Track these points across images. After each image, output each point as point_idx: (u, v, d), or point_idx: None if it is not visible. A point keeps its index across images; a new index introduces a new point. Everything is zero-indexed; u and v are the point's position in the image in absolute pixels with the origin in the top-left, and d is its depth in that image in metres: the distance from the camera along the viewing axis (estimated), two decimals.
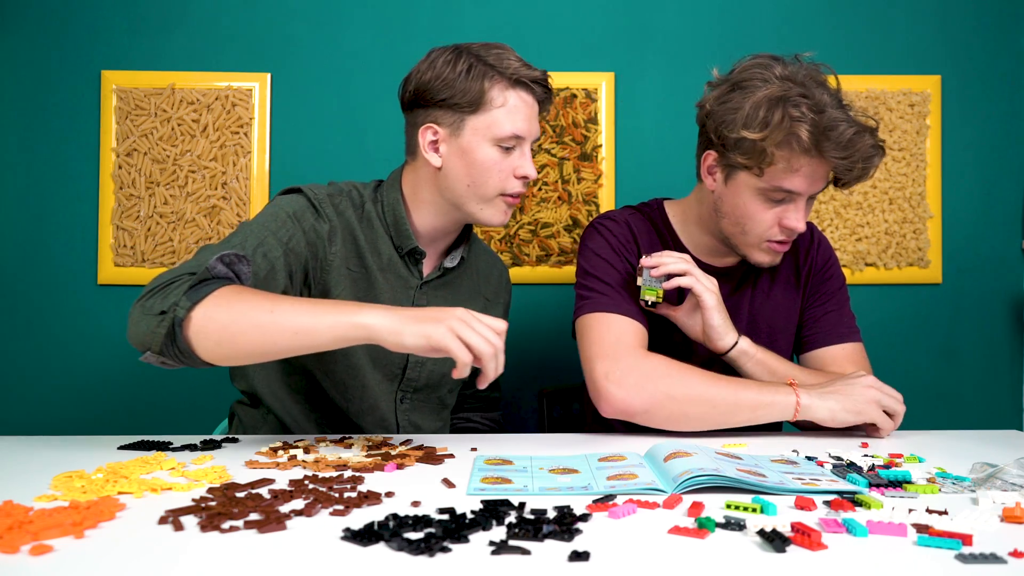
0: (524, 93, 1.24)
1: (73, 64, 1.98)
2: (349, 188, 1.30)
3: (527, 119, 1.24)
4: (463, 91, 1.20)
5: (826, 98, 1.18)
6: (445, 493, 0.86)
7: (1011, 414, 2.06)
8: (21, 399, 1.98)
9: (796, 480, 0.86)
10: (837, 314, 1.38)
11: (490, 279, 1.44)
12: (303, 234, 1.19)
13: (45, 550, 0.65)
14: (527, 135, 1.25)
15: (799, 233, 1.26)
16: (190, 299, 0.97)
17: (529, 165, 1.25)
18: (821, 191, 1.27)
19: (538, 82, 1.25)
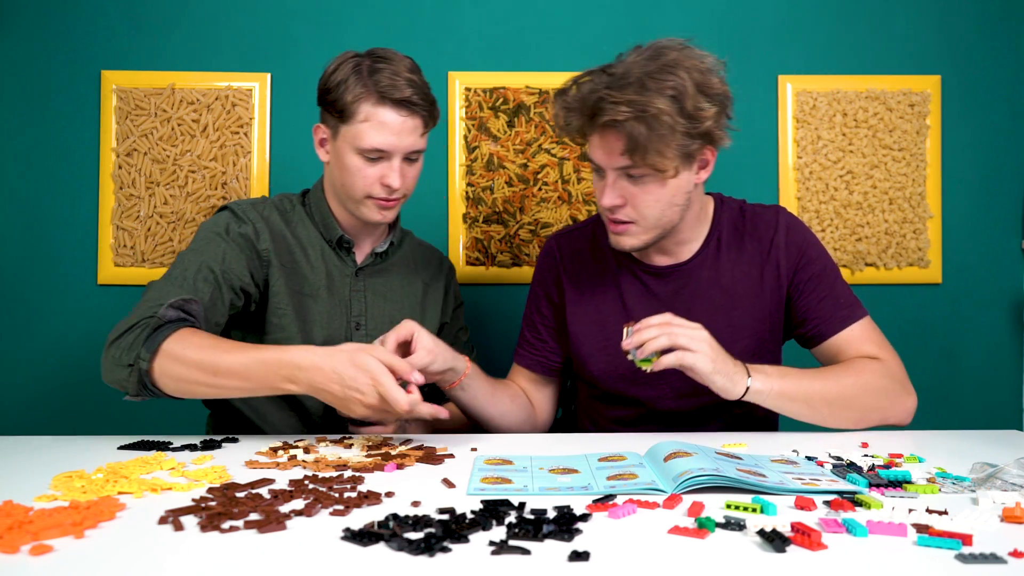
0: (390, 110, 1.28)
1: (73, 64, 1.98)
2: (276, 198, 1.44)
3: (393, 134, 1.29)
4: (338, 100, 1.30)
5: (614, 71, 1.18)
6: (445, 493, 0.86)
7: (1011, 414, 2.06)
8: (21, 399, 1.98)
9: (796, 480, 0.86)
10: (831, 299, 1.30)
11: (429, 266, 1.53)
12: (234, 244, 1.30)
13: (45, 550, 0.65)
14: (391, 150, 1.30)
15: (607, 207, 1.22)
16: (148, 350, 1.11)
17: (393, 175, 1.31)
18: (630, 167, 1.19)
19: (405, 102, 1.28)
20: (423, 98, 1.31)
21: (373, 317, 1.41)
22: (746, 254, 1.33)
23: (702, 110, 1.16)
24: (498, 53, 2.03)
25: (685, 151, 1.18)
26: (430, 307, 1.49)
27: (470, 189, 2.01)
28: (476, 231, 2.01)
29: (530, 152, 2.01)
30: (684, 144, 1.16)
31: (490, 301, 2.03)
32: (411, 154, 1.33)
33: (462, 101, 2.02)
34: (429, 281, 1.51)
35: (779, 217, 1.35)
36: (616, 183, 1.21)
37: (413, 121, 1.30)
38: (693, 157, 1.21)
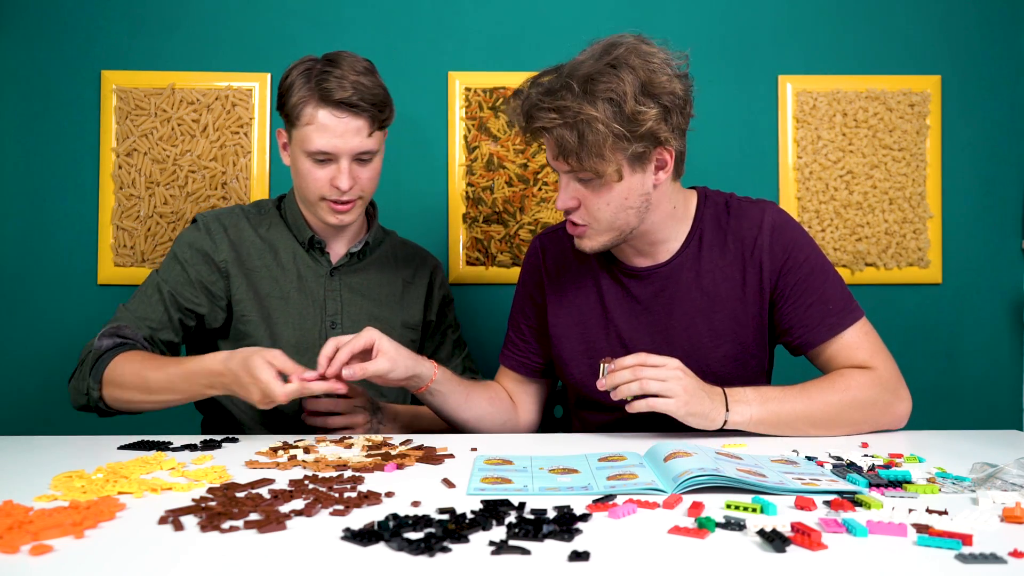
0: (331, 112, 1.29)
1: (73, 64, 1.98)
2: (250, 205, 1.48)
3: (335, 136, 1.30)
4: (286, 104, 1.33)
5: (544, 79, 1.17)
6: (445, 493, 0.86)
7: (1011, 414, 2.06)
8: (21, 399, 1.97)
9: (796, 480, 0.86)
10: (819, 304, 1.23)
11: (410, 263, 1.53)
12: (189, 264, 1.37)
13: (45, 550, 0.65)
14: (335, 152, 1.31)
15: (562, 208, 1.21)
16: (95, 380, 1.25)
17: (342, 177, 1.31)
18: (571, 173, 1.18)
19: (345, 103, 1.28)
20: (367, 98, 1.30)
21: (349, 315, 1.42)
22: (729, 254, 1.27)
23: (641, 113, 1.11)
24: (498, 53, 2.03)
25: (630, 154, 1.14)
26: (410, 304, 1.49)
27: (470, 189, 2.01)
28: (476, 231, 2.01)
29: (530, 152, 2.01)
30: (625, 147, 1.13)
31: (490, 301, 2.03)
32: (361, 155, 1.33)
33: (462, 101, 2.01)
34: (410, 279, 1.51)
35: (764, 215, 1.27)
36: (569, 185, 1.20)
37: (356, 122, 1.30)
38: (644, 159, 1.16)
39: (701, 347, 1.27)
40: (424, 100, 2.02)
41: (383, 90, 1.35)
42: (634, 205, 1.19)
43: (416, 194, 2.03)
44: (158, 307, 1.35)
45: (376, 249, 1.49)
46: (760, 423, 1.15)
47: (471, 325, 2.01)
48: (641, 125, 1.12)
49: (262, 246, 1.41)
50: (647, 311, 1.29)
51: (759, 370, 1.32)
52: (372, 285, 1.46)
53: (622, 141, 1.12)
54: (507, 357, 1.43)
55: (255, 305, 1.38)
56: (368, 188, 1.38)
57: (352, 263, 1.45)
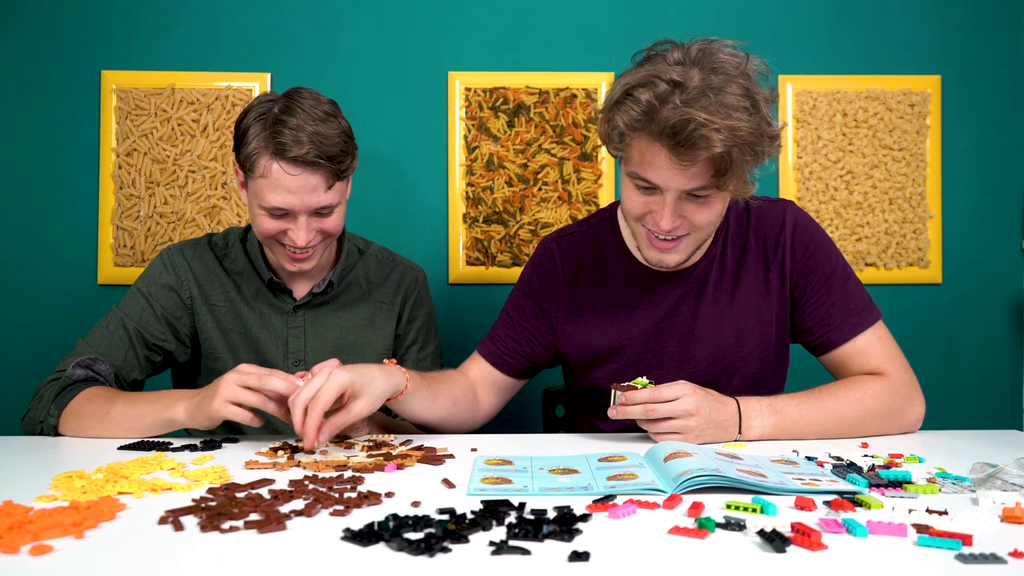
0: (286, 168, 1.21)
1: (73, 64, 1.98)
2: (219, 235, 1.43)
3: (290, 193, 1.22)
4: (241, 150, 1.25)
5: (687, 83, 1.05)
6: (445, 493, 0.86)
7: (1011, 414, 2.06)
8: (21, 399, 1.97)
9: (796, 480, 0.86)
10: (841, 305, 1.23)
11: (385, 285, 1.45)
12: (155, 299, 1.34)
13: (45, 550, 0.65)
14: (291, 208, 1.24)
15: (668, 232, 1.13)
16: (57, 407, 1.19)
17: (298, 233, 1.25)
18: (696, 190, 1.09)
19: (301, 160, 1.20)
20: (325, 152, 1.21)
21: (314, 349, 1.39)
22: (751, 252, 1.27)
23: (772, 130, 1.09)
24: (498, 53, 2.03)
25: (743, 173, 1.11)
26: (381, 324, 1.44)
27: (470, 189, 2.01)
28: (476, 231, 2.01)
29: (530, 152, 2.01)
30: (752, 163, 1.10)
31: (490, 301, 2.03)
32: (319, 210, 1.26)
33: (462, 101, 2.02)
34: (384, 299, 1.45)
35: (786, 213, 1.27)
36: (677, 203, 1.11)
37: (314, 178, 1.22)
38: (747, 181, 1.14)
39: (727, 347, 1.26)
40: (424, 100, 2.02)
41: (344, 138, 1.26)
42: (723, 213, 1.18)
43: (416, 194, 2.03)
44: (123, 344, 1.31)
45: (346, 278, 1.43)
46: (773, 435, 1.15)
47: (471, 325, 2.01)
48: (770, 144, 1.09)
49: (226, 280, 1.38)
50: (674, 312, 1.28)
51: (780, 368, 1.32)
52: (341, 315, 1.41)
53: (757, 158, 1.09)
54: (490, 351, 1.35)
55: (224, 340, 1.37)
56: (334, 231, 1.31)
57: (316, 299, 1.40)
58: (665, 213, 1.11)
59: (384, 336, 1.44)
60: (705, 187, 1.09)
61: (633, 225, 1.20)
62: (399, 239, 2.00)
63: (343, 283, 1.43)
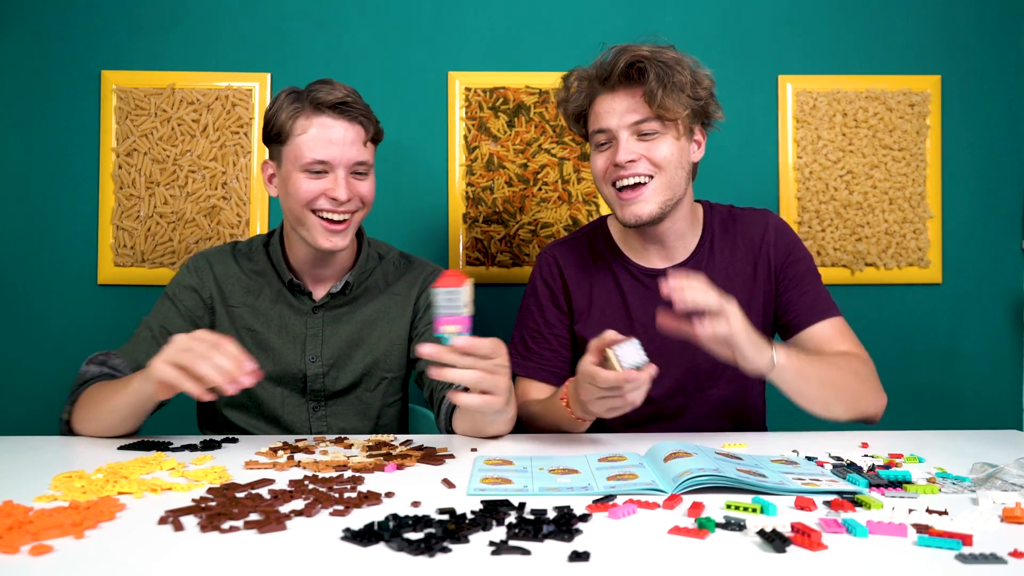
0: (327, 118, 1.27)
1: (73, 64, 1.98)
2: (243, 242, 1.46)
3: (331, 144, 1.27)
4: (276, 124, 1.30)
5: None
6: (445, 493, 0.86)
7: (1011, 414, 2.06)
8: (21, 399, 1.97)
9: (796, 480, 0.86)
10: (813, 293, 1.36)
11: (401, 281, 1.46)
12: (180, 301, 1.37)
13: (45, 550, 0.65)
14: (332, 160, 1.28)
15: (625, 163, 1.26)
16: (70, 403, 1.23)
17: (340, 188, 1.28)
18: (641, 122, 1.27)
19: (341, 105, 1.27)
20: (360, 104, 1.30)
21: (330, 347, 1.39)
22: (739, 252, 1.39)
23: (700, 82, 1.28)
24: (498, 53, 2.03)
25: (689, 113, 1.27)
26: (395, 316, 1.43)
27: (470, 189, 2.01)
28: (476, 231, 2.02)
29: (530, 152, 2.01)
30: (688, 103, 1.27)
31: (490, 301, 2.03)
32: (356, 166, 1.30)
33: (462, 101, 2.02)
34: (399, 292, 1.45)
35: (768, 219, 1.41)
36: (629, 141, 1.27)
37: (353, 128, 1.29)
38: (693, 126, 1.32)
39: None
40: (424, 100, 2.02)
41: (373, 114, 1.34)
42: (684, 168, 1.31)
43: (416, 194, 2.03)
44: (144, 343, 1.33)
45: (364, 281, 1.44)
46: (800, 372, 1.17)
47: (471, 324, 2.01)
48: (702, 90, 1.29)
49: (247, 283, 1.40)
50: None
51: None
52: (357, 313, 1.42)
53: (689, 100, 1.27)
54: (535, 370, 1.39)
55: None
56: (369, 201, 1.35)
57: (334, 300, 1.41)
58: (620, 147, 1.27)
59: (398, 328, 1.42)
60: (647, 119, 1.26)
61: (604, 190, 1.33)
62: (399, 239, 2.00)
63: (362, 286, 1.43)
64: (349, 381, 1.40)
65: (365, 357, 1.40)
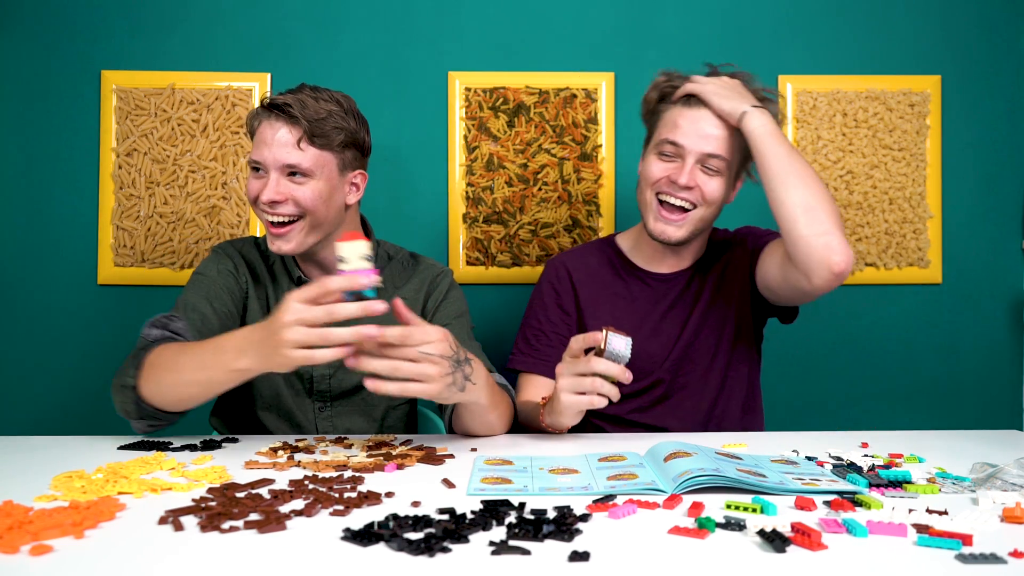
0: (272, 119, 1.27)
1: (73, 64, 1.98)
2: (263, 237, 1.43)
3: (264, 144, 1.27)
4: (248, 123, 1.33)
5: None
6: (445, 493, 0.86)
7: (1011, 414, 2.06)
8: (21, 399, 1.97)
9: (796, 480, 0.86)
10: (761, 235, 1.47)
11: (408, 285, 1.45)
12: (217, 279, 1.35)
13: (45, 550, 0.65)
14: (264, 161, 1.27)
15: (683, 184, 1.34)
16: (135, 367, 1.14)
17: (266, 189, 1.26)
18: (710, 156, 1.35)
19: (277, 107, 1.26)
20: (305, 113, 1.25)
21: None
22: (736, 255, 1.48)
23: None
24: (498, 53, 2.03)
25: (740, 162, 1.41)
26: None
27: (470, 189, 2.01)
28: (476, 231, 2.01)
29: (530, 152, 2.01)
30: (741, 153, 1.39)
31: (490, 301, 2.03)
32: (288, 168, 1.27)
33: (462, 101, 2.02)
34: (407, 295, 1.43)
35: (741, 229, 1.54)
36: (694, 169, 1.35)
37: (287, 130, 1.26)
38: (738, 174, 1.43)
39: (725, 330, 1.44)
40: (424, 100, 2.02)
41: (338, 116, 1.29)
42: (720, 206, 1.40)
43: (416, 194, 2.03)
44: (201, 304, 1.30)
45: None
46: (774, 134, 1.31)
47: None
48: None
49: (267, 278, 1.41)
50: (674, 308, 1.46)
51: (759, 337, 1.52)
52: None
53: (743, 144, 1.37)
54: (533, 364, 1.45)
55: None
56: (308, 207, 1.28)
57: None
58: (685, 170, 1.33)
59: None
60: (718, 156, 1.34)
61: (646, 194, 1.39)
62: (399, 239, 1.99)
63: None
64: (355, 382, 1.39)
65: None
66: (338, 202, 1.34)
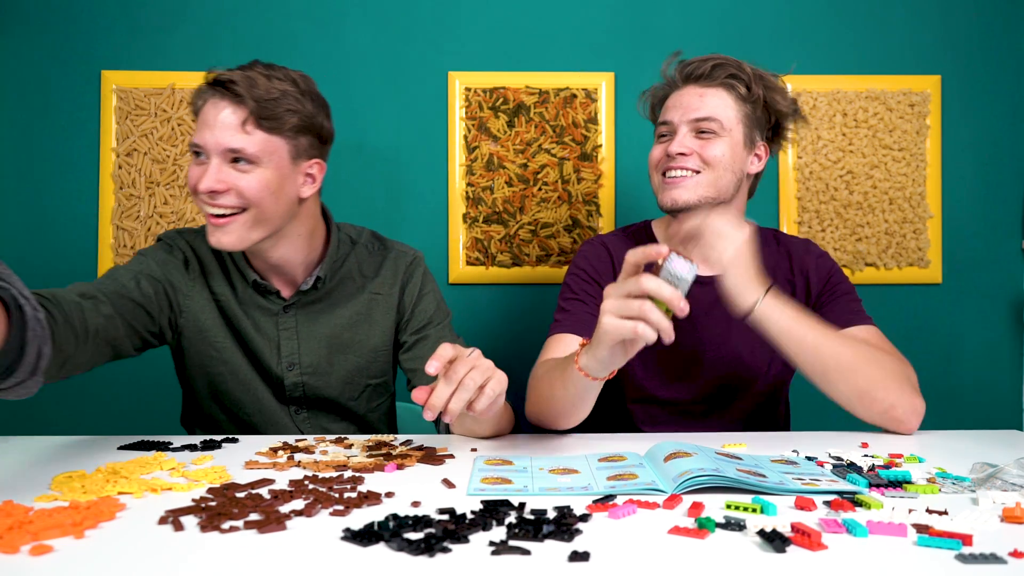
0: (215, 97, 1.14)
1: (73, 64, 1.98)
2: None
3: (206, 126, 1.14)
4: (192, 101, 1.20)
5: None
6: (445, 493, 0.86)
7: (1011, 414, 2.06)
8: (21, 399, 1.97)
9: (796, 480, 0.86)
10: (847, 305, 1.34)
11: (380, 276, 1.35)
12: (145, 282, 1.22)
13: (45, 550, 0.65)
14: (204, 144, 1.14)
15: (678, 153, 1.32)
16: None
17: (205, 177, 1.13)
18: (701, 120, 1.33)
19: (220, 84, 1.13)
20: (252, 92, 1.12)
21: (307, 351, 1.30)
22: (780, 272, 1.41)
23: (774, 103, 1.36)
24: (498, 53, 2.03)
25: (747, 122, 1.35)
26: (380, 318, 1.34)
27: (470, 189, 2.01)
28: (476, 231, 2.02)
29: (530, 152, 2.01)
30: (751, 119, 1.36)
31: (490, 301, 2.03)
32: (232, 154, 1.14)
33: (462, 101, 2.02)
34: (381, 290, 1.35)
35: (810, 244, 1.46)
36: (686, 136, 1.34)
37: (232, 111, 1.13)
38: (753, 141, 1.37)
39: (755, 349, 1.36)
40: (424, 100, 2.02)
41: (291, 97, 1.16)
42: (735, 173, 1.35)
43: (416, 194, 2.03)
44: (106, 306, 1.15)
45: (338, 272, 1.32)
46: (792, 324, 1.17)
47: (471, 325, 2.01)
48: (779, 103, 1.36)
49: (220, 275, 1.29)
50: (706, 315, 1.37)
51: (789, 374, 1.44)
52: (334, 312, 1.32)
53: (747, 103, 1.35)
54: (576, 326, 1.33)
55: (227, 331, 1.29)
56: (253, 199, 1.15)
57: (308, 297, 1.30)
58: (676, 139, 1.33)
59: (382, 330, 1.35)
60: (708, 118, 1.32)
61: (654, 178, 1.39)
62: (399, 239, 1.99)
63: (336, 278, 1.32)
64: (329, 393, 1.33)
65: (346, 364, 1.32)
66: (289, 194, 1.20)
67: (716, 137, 1.33)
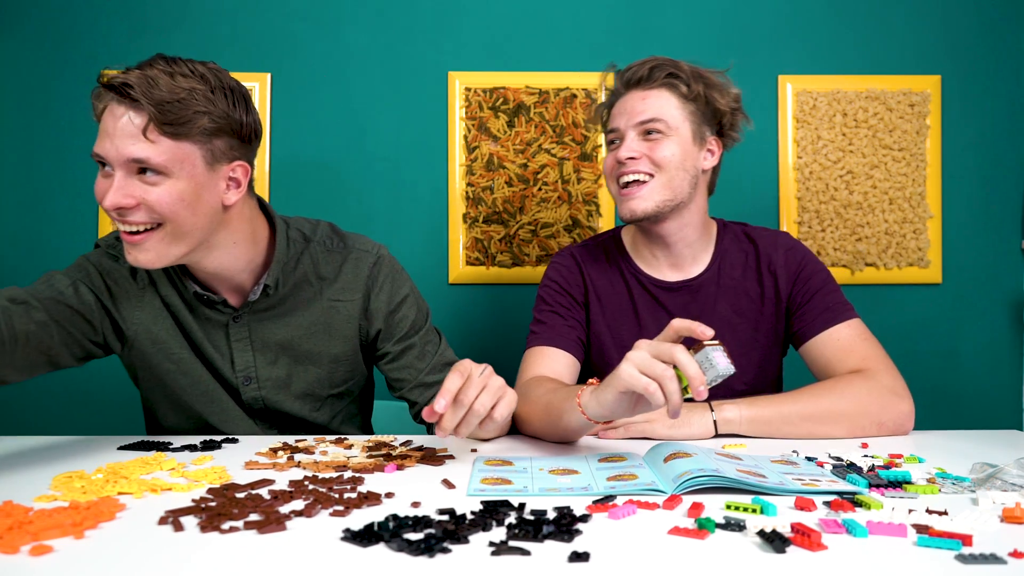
0: (113, 103, 1.02)
1: (73, 64, 1.98)
2: None
3: (106, 135, 1.02)
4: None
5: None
6: (445, 494, 0.86)
7: (1011, 414, 2.06)
8: (21, 399, 1.97)
9: (796, 480, 0.86)
10: (823, 303, 1.33)
11: (339, 281, 1.25)
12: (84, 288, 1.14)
13: (45, 550, 0.65)
14: (106, 155, 1.02)
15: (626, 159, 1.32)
16: None
17: (110, 192, 1.01)
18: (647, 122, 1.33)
19: (114, 88, 1.00)
20: (151, 94, 1.00)
21: (264, 364, 1.22)
22: (749, 271, 1.41)
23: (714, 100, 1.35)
24: (498, 53, 2.03)
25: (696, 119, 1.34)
26: (341, 327, 1.25)
27: (470, 189, 2.01)
28: (476, 231, 2.01)
29: (530, 152, 2.01)
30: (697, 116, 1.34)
31: (490, 301, 2.03)
32: (137, 165, 1.02)
33: (462, 101, 2.02)
34: (341, 296, 1.25)
35: (778, 238, 1.43)
36: (634, 140, 1.33)
37: (130, 117, 1.00)
38: (703, 137, 1.36)
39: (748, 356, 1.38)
40: (424, 100, 2.02)
41: (198, 96, 1.03)
42: (688, 171, 1.34)
43: (416, 194, 2.03)
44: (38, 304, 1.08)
45: (291, 275, 1.22)
46: (753, 420, 1.16)
47: (471, 325, 2.01)
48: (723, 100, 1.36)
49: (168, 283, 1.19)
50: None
51: (776, 376, 1.44)
52: (290, 319, 1.22)
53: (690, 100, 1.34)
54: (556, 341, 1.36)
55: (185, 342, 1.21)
56: (166, 214, 1.03)
57: (260, 304, 1.20)
58: (623, 145, 1.33)
59: (344, 339, 1.26)
60: (652, 119, 1.32)
61: (611, 187, 1.38)
62: (399, 239, 2.00)
63: (289, 283, 1.22)
64: (291, 407, 1.26)
65: (306, 376, 1.25)
66: (209, 204, 1.07)
67: (664, 137, 1.33)
